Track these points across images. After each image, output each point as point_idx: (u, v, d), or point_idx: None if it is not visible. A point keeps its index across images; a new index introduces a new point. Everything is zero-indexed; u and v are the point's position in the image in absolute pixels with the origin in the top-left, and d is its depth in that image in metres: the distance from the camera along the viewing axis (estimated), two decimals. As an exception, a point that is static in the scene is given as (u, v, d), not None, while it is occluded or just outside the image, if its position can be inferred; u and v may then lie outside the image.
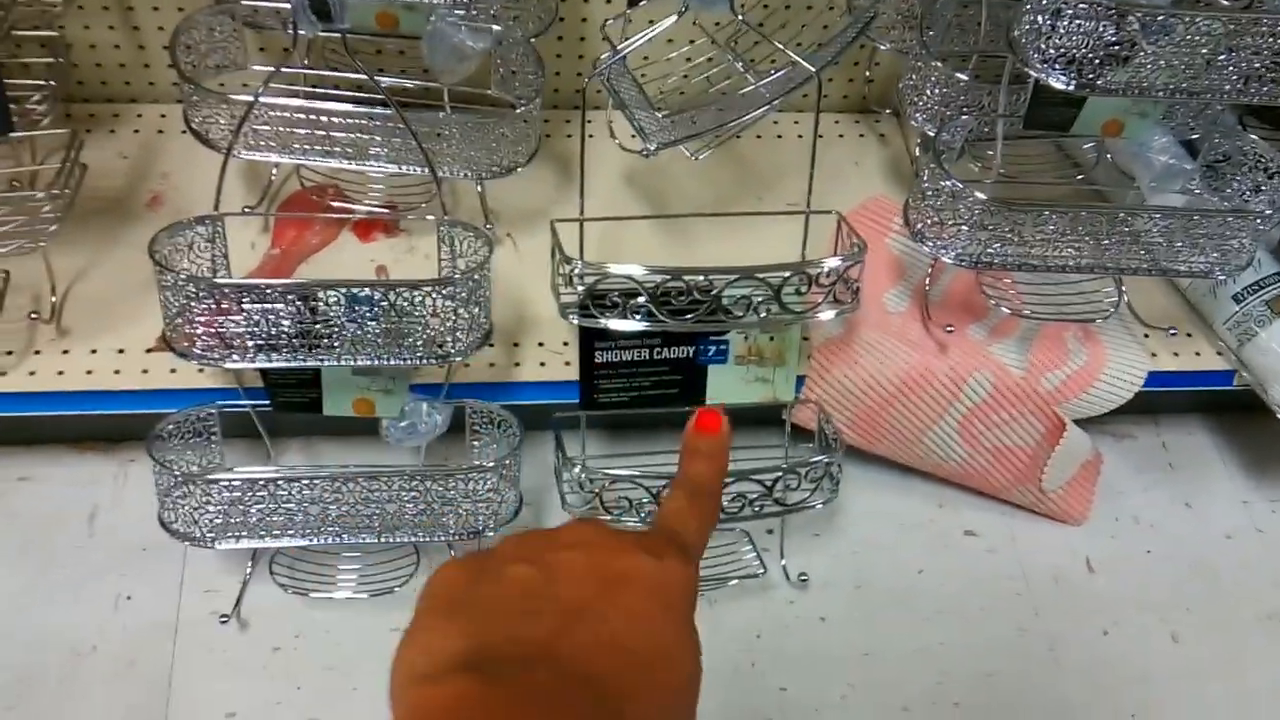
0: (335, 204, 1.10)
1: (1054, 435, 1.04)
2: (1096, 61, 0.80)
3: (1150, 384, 1.06)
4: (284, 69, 0.91)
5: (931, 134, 1.01)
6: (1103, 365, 1.04)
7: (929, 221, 0.95)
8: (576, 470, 0.92)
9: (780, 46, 0.92)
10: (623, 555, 0.39)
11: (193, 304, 0.81)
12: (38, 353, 0.97)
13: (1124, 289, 1.03)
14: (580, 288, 0.85)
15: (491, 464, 0.92)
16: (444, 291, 0.82)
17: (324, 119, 0.94)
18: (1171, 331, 1.09)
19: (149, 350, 0.98)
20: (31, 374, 0.95)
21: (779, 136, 1.25)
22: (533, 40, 1.02)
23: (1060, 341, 1.06)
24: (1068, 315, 1.03)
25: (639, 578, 0.38)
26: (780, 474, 0.93)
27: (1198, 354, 1.09)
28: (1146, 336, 1.10)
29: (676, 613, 0.39)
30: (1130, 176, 1.06)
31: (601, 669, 0.35)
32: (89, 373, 0.96)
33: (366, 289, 0.81)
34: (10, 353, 0.96)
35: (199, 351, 0.83)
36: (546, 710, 0.34)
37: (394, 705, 0.36)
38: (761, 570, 1.03)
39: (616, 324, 0.86)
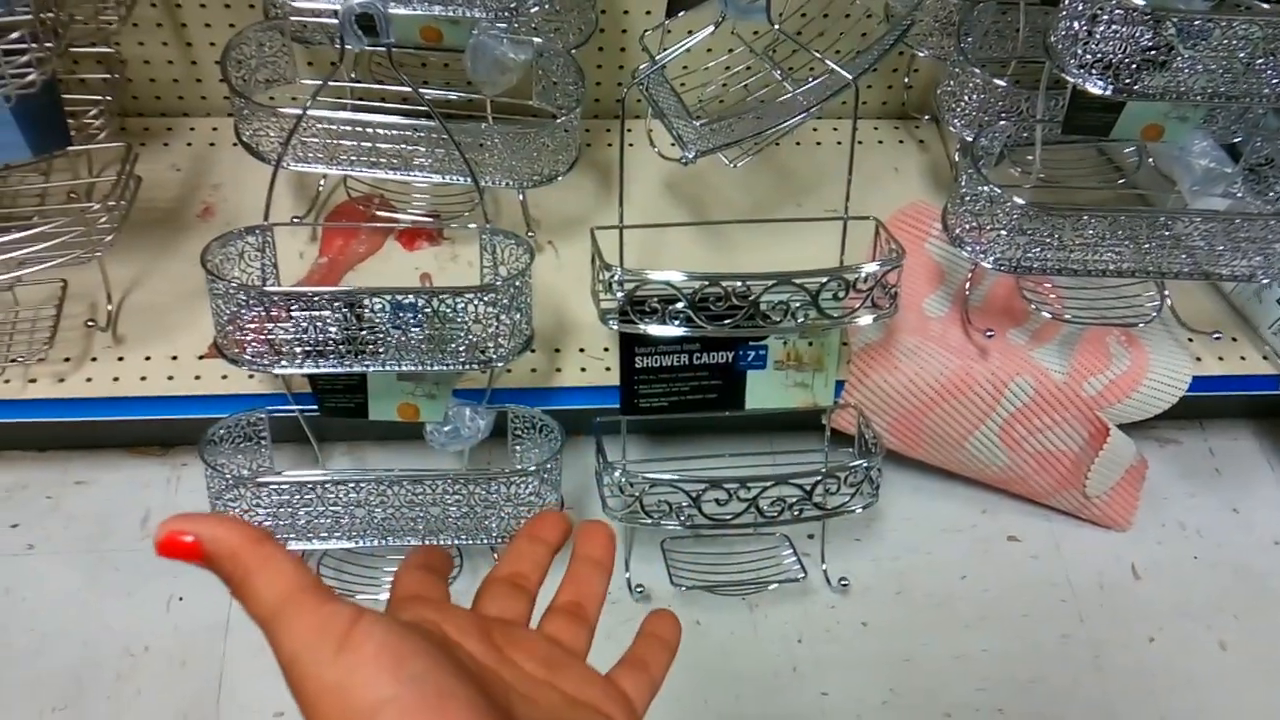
0: (381, 213, 1.12)
1: (1097, 440, 1.04)
2: (1133, 66, 0.80)
3: (1195, 389, 1.04)
4: (331, 83, 0.93)
5: (970, 139, 1.01)
6: (1146, 370, 1.04)
7: (968, 226, 0.95)
8: (617, 474, 0.93)
9: (818, 55, 0.92)
10: None
11: (243, 312, 0.83)
12: (94, 359, 1.00)
13: (1166, 293, 1.02)
14: (620, 294, 0.86)
15: (533, 468, 0.94)
16: (486, 298, 0.83)
17: (370, 131, 0.96)
18: (1216, 336, 1.08)
19: (201, 357, 1.00)
20: (89, 380, 0.98)
21: (818, 143, 1.25)
22: (573, 52, 1.04)
23: (1102, 346, 1.05)
24: (1109, 319, 1.02)
25: None
26: (820, 478, 0.93)
27: (1243, 358, 1.08)
28: (1191, 340, 1.09)
29: None
30: (1172, 180, 1.05)
31: None
32: (143, 379, 0.99)
33: (411, 296, 0.82)
34: (68, 359, 0.99)
35: (249, 358, 0.85)
36: None
37: None
38: (802, 574, 1.03)
39: (656, 329, 0.87)
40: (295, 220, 1.10)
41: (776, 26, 0.91)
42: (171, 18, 1.11)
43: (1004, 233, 0.93)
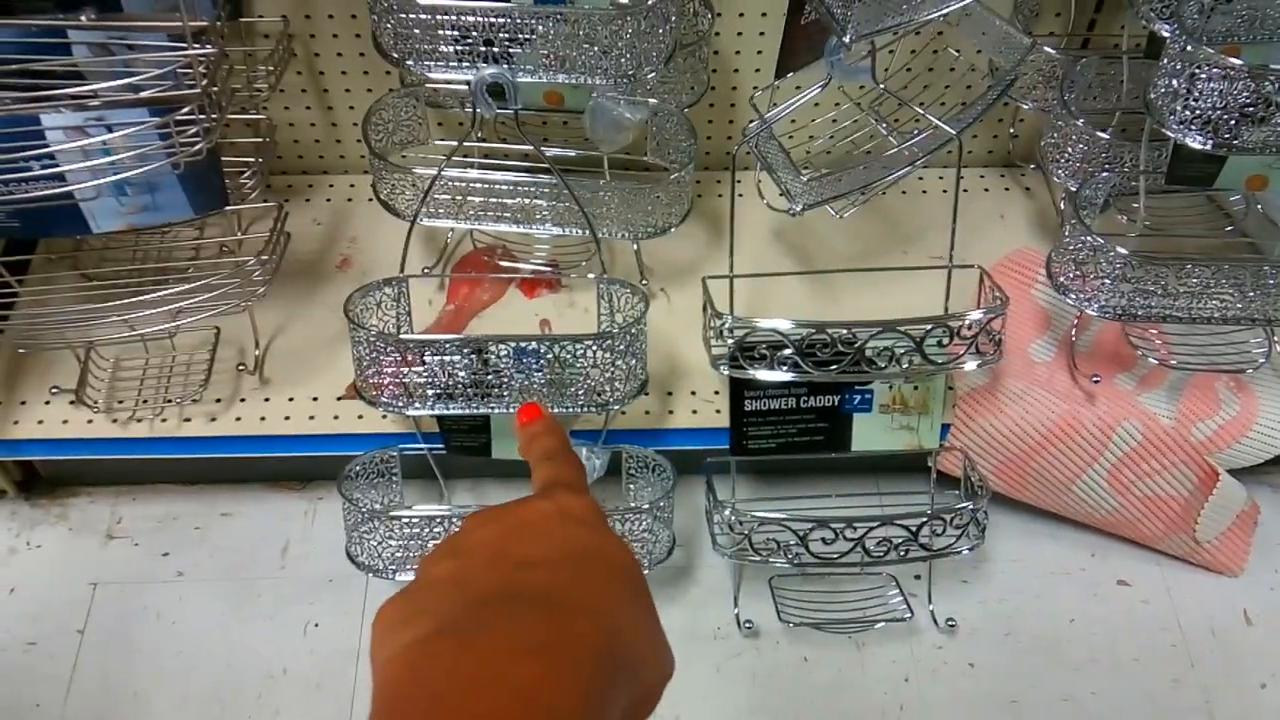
0: (503, 263, 1.18)
1: (1207, 485, 1.03)
2: (1233, 122, 0.82)
3: (1309, 434, 1.04)
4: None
5: (1074, 190, 1.03)
6: (1256, 415, 1.03)
7: (1071, 275, 0.97)
8: (726, 512, 0.96)
9: (922, 112, 0.96)
10: (516, 509, 0.46)
11: (381, 357, 0.90)
12: (243, 400, 1.08)
13: (1276, 338, 1.02)
14: (730, 341, 0.90)
15: (646, 506, 0.98)
16: (604, 345, 0.89)
17: (496, 187, 1.03)
18: (1331, 381, 1.06)
19: (339, 398, 1.07)
20: (238, 419, 1.06)
21: (923, 191, 1.28)
22: (685, 110, 1.09)
23: (1211, 391, 1.05)
24: (1218, 365, 1.02)
25: (539, 515, 0.46)
26: (925, 519, 0.95)
27: (1360, 404, 1.07)
28: (1304, 386, 1.08)
29: (587, 524, 0.46)
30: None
31: (542, 586, 0.41)
32: (287, 418, 1.06)
33: (533, 343, 0.88)
34: (219, 400, 1.07)
35: (386, 400, 0.92)
36: (501, 635, 0.38)
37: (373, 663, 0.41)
38: (908, 614, 1.05)
39: (765, 375, 0.91)
40: (425, 270, 1.17)
41: (881, 86, 0.95)
42: (315, 84, 1.20)
43: (1108, 281, 0.94)
